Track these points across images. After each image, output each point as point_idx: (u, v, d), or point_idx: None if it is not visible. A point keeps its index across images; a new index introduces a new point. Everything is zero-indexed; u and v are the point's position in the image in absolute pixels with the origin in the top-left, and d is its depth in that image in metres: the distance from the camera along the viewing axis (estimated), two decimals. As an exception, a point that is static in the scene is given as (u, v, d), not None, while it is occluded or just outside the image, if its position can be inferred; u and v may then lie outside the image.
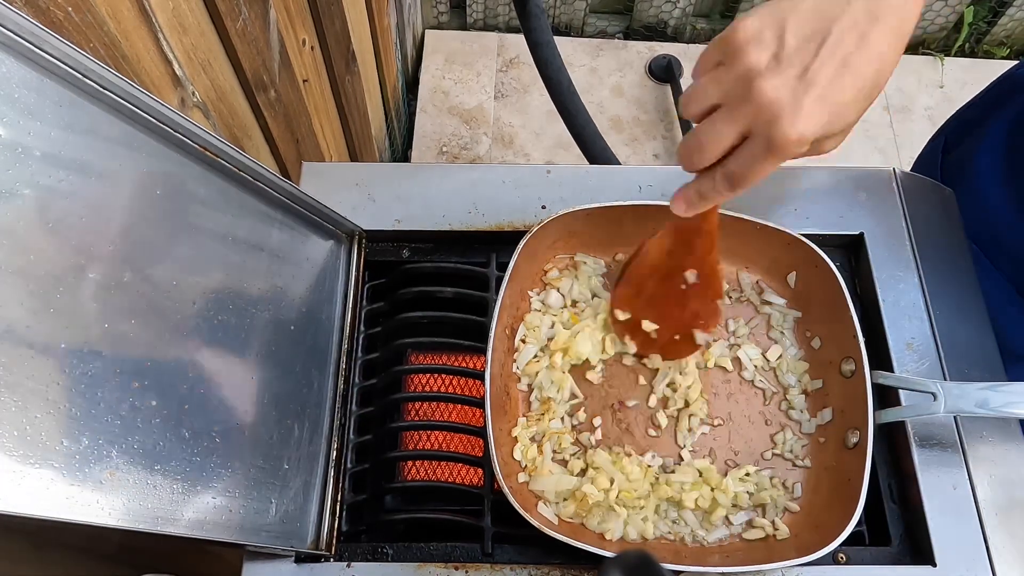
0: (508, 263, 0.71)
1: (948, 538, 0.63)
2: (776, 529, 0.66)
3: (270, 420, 0.61)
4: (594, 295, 0.76)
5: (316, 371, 0.68)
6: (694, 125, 0.54)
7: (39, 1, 0.51)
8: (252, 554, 0.63)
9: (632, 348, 0.73)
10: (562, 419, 0.71)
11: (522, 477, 0.68)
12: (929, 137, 0.94)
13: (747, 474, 0.69)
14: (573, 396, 0.72)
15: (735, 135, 0.50)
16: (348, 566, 0.64)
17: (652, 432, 0.71)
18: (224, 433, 0.56)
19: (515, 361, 0.73)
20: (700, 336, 0.71)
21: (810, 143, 0.49)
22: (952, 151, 0.87)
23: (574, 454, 0.70)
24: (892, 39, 0.49)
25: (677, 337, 0.72)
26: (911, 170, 0.89)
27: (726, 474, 0.69)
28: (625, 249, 0.77)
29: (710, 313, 0.70)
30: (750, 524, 0.67)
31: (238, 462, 0.57)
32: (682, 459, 0.70)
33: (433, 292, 0.74)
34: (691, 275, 0.67)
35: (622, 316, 0.73)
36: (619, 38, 2.08)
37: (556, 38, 1.30)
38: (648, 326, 0.71)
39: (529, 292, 0.75)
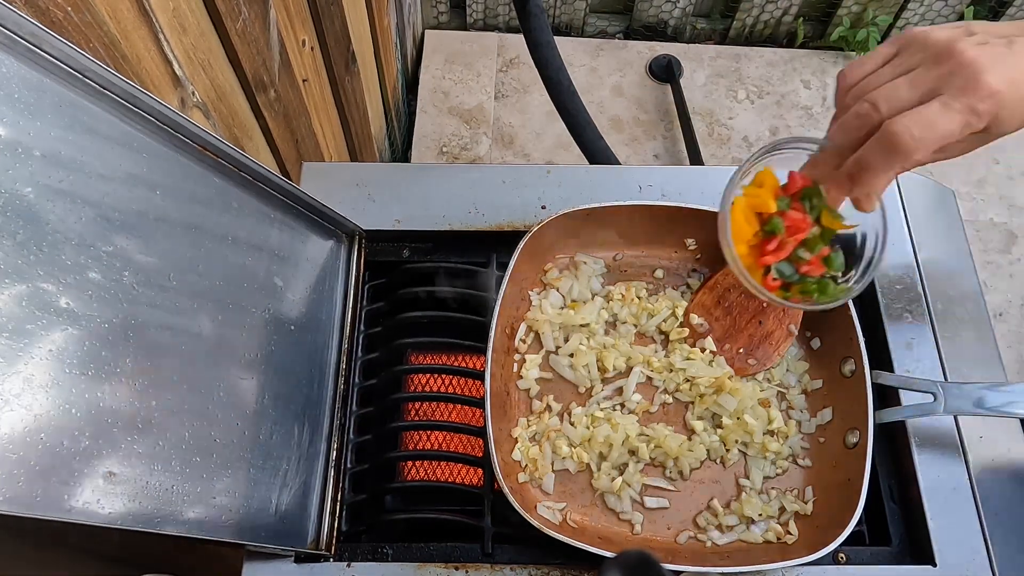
0: (508, 263, 0.71)
1: (948, 538, 0.63)
2: (789, 533, 0.66)
3: (270, 420, 0.61)
4: (594, 295, 0.76)
5: (316, 371, 0.68)
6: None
7: (39, 1, 0.51)
8: (252, 554, 0.63)
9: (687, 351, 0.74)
10: (560, 417, 0.71)
11: (522, 477, 0.68)
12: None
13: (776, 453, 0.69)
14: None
15: (916, 97, 0.49)
16: (348, 566, 0.64)
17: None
18: (224, 434, 0.56)
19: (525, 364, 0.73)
20: (751, 360, 0.72)
21: (993, 114, 0.47)
22: None
23: (571, 454, 0.70)
24: None
25: (741, 351, 0.72)
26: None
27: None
28: (625, 249, 0.77)
29: (781, 336, 0.71)
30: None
31: (238, 462, 0.57)
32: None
33: (433, 292, 0.74)
34: None
35: (696, 321, 0.74)
36: (619, 38, 2.08)
37: (556, 38, 1.30)
38: (709, 344, 0.73)
39: (529, 292, 0.75)
